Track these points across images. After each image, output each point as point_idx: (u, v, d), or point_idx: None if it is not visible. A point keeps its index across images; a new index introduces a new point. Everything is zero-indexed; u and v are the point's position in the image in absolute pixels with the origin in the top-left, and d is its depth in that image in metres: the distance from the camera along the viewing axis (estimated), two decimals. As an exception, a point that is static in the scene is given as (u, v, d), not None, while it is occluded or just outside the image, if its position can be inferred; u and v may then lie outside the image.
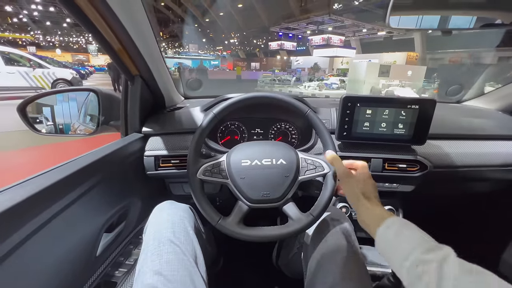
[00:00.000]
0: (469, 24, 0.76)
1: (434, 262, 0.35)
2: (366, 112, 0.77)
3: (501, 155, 0.87)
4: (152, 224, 0.61)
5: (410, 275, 0.37)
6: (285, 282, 0.96)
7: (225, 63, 35.98)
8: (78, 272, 0.59)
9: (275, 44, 24.48)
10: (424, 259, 0.36)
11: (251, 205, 0.61)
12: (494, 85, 1.18)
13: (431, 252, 0.37)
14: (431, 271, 0.34)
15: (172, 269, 0.51)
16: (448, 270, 0.33)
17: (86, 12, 0.54)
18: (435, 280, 0.33)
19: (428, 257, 0.36)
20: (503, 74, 2.36)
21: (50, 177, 0.48)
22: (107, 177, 0.64)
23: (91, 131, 0.83)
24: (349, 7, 17.62)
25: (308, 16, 19.63)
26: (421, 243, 0.39)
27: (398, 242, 0.41)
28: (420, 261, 0.36)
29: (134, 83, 0.77)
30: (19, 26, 30.69)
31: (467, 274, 0.32)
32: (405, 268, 0.38)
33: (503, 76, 1.99)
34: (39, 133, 0.81)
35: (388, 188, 0.87)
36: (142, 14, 0.67)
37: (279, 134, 0.97)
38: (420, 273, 0.35)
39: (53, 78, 7.97)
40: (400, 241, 0.41)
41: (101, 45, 0.64)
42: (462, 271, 0.33)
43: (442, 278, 0.33)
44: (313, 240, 0.66)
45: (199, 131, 0.63)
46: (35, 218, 0.44)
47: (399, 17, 0.82)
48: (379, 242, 0.45)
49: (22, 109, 0.75)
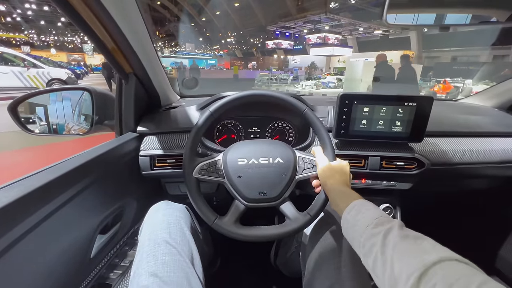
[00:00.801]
0: (466, 20, 0.76)
1: (380, 234, 0.38)
2: (364, 110, 0.77)
3: (498, 152, 0.87)
4: (148, 225, 0.60)
5: (364, 249, 0.40)
6: (283, 282, 0.96)
7: (222, 62, 35.90)
8: (71, 274, 0.58)
9: (272, 43, 24.50)
10: (374, 232, 0.39)
11: (248, 204, 0.60)
12: (489, 83, 1.19)
13: (380, 226, 0.40)
14: (378, 242, 0.37)
15: (168, 271, 0.50)
16: (389, 238, 0.36)
17: (79, 10, 0.53)
18: (380, 249, 0.36)
19: (376, 230, 0.39)
20: (497, 73, 2.37)
21: (42, 178, 0.47)
22: (101, 177, 0.63)
23: (85, 131, 0.82)
24: (346, 6, 17.65)
25: (305, 15, 19.65)
26: (373, 219, 0.42)
27: (357, 222, 0.44)
28: (371, 234, 0.40)
29: (128, 81, 0.76)
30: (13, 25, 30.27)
31: (404, 239, 0.35)
32: (361, 244, 0.40)
33: (497, 74, 1.99)
34: (31, 133, 0.79)
35: (385, 186, 0.87)
36: (136, 12, 0.66)
37: (276, 133, 0.96)
38: (371, 245, 0.38)
39: (47, 78, 7.91)
40: (359, 221, 0.44)
41: (94, 43, 0.63)
42: (401, 238, 0.36)
43: (384, 245, 0.36)
44: (311, 239, 0.66)
45: (195, 130, 0.62)
46: (26, 219, 0.42)
47: (395, 14, 0.82)
48: (343, 225, 0.48)
49: (13, 109, 0.73)
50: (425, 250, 0.33)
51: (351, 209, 0.47)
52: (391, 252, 0.35)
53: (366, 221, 0.42)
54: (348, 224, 0.46)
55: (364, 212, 0.45)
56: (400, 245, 0.35)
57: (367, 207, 0.46)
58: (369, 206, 0.46)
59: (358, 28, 20.73)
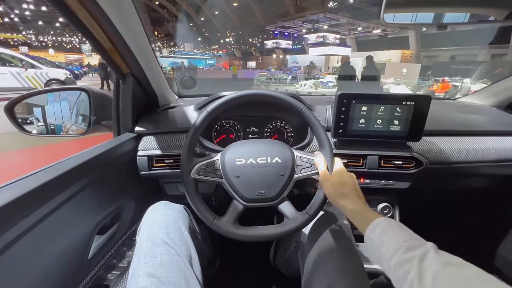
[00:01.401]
0: (464, 19, 0.76)
1: (415, 260, 0.36)
2: (362, 109, 0.77)
3: (496, 150, 0.87)
4: (146, 225, 0.59)
5: (396, 274, 0.38)
6: (282, 281, 0.96)
7: (221, 62, 35.85)
8: (69, 275, 0.57)
9: (270, 42, 24.48)
10: (406, 258, 0.37)
11: (246, 204, 0.60)
12: (487, 82, 1.19)
13: (412, 250, 0.37)
14: (413, 268, 0.35)
15: (166, 271, 0.50)
16: (427, 265, 0.34)
17: (75, 11, 0.53)
18: (416, 277, 0.34)
19: (409, 256, 0.37)
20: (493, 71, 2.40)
21: (38, 179, 0.47)
22: (99, 178, 0.63)
23: (83, 132, 0.82)
24: (344, 5, 17.67)
25: (304, 15, 19.65)
26: (403, 242, 0.40)
27: (383, 243, 0.42)
28: (403, 260, 0.37)
29: (125, 81, 0.76)
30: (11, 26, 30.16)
31: (445, 267, 0.33)
32: (392, 268, 0.39)
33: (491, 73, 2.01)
34: (28, 134, 0.79)
35: (384, 185, 0.87)
36: (133, 12, 0.66)
37: (274, 132, 0.96)
38: (404, 271, 0.36)
39: (46, 79, 7.88)
40: (385, 242, 0.42)
41: (91, 43, 0.63)
42: (441, 265, 0.33)
43: (422, 274, 0.34)
44: (309, 239, 0.66)
45: (193, 130, 0.62)
46: (22, 220, 0.42)
47: (393, 14, 0.82)
48: (367, 244, 0.46)
49: (10, 109, 0.73)
50: (470, 280, 0.30)
51: (375, 228, 0.45)
52: (431, 282, 0.32)
53: (394, 244, 0.40)
54: (373, 243, 0.45)
55: (390, 234, 0.43)
56: (441, 274, 0.32)
57: (392, 227, 0.44)
58: (394, 227, 0.44)
59: (356, 28, 20.76)
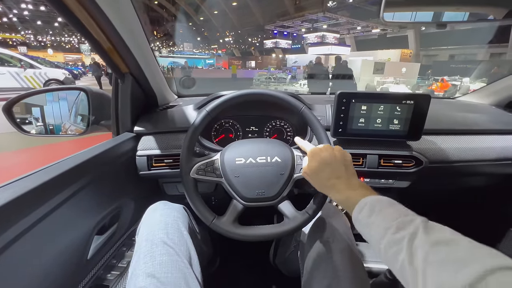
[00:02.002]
0: (463, 18, 0.76)
1: (405, 240, 0.34)
2: (361, 108, 0.76)
3: (495, 149, 0.87)
4: (145, 225, 0.59)
5: (387, 256, 0.37)
6: (282, 281, 0.95)
7: (220, 62, 35.79)
8: (68, 275, 0.57)
9: (270, 42, 24.43)
10: (396, 238, 0.36)
11: (246, 204, 0.60)
12: (486, 81, 1.19)
13: (401, 230, 0.36)
14: (403, 249, 0.34)
15: (165, 271, 0.49)
16: (417, 246, 0.33)
17: (74, 11, 0.53)
18: (407, 258, 0.33)
19: (399, 235, 0.36)
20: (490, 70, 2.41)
21: (37, 179, 0.47)
22: (98, 178, 0.63)
23: (82, 131, 0.82)
24: (343, 5, 17.64)
25: (303, 14, 19.61)
26: (392, 222, 0.38)
27: (372, 224, 0.41)
28: (393, 241, 0.36)
29: (124, 81, 0.75)
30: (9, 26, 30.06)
31: (435, 247, 0.32)
32: (382, 250, 0.38)
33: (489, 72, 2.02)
34: (27, 134, 0.79)
35: (384, 184, 0.87)
36: (132, 12, 0.66)
37: (274, 132, 0.96)
38: (395, 252, 0.35)
39: (45, 79, 7.87)
40: (373, 223, 0.40)
41: (90, 43, 0.63)
42: (430, 246, 0.32)
43: (413, 255, 0.33)
44: (309, 238, 0.66)
45: (192, 129, 0.62)
46: (21, 220, 0.42)
47: (393, 12, 0.82)
48: (356, 226, 0.45)
49: (8, 110, 0.72)
50: (462, 259, 0.29)
51: (362, 209, 0.43)
52: (422, 264, 0.31)
53: (383, 224, 0.39)
54: (361, 225, 0.43)
55: (378, 213, 0.41)
56: (431, 256, 0.31)
57: (380, 205, 0.42)
58: (383, 204, 0.42)
59: (356, 27, 20.72)
